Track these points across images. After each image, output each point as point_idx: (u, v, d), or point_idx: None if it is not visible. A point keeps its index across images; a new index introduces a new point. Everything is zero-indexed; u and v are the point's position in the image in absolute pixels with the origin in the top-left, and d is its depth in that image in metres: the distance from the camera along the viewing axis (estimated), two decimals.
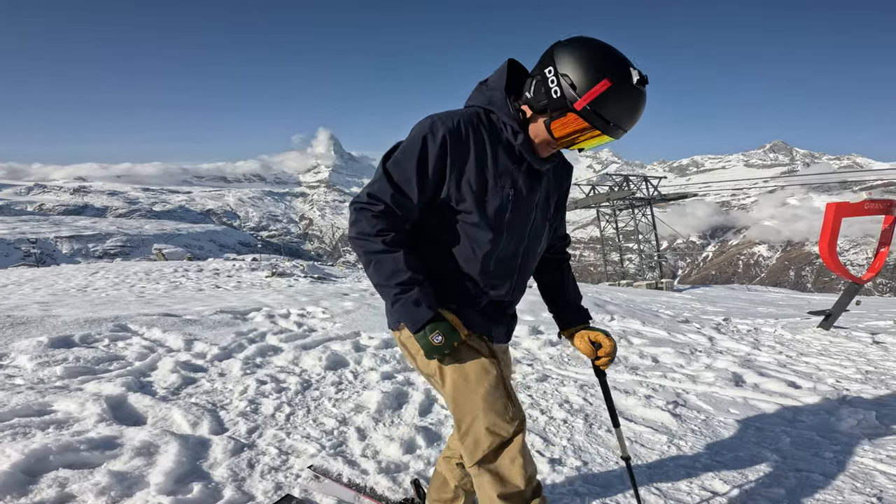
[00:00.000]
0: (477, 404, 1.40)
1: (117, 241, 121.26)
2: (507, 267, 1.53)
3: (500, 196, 1.43)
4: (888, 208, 5.28)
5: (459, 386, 1.42)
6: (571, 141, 1.36)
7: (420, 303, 1.37)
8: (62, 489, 1.97)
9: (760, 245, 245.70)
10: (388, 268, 1.37)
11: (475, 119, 1.43)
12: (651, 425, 2.95)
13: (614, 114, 1.27)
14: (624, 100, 1.27)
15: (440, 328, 1.37)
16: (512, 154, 1.45)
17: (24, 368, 3.36)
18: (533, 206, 1.52)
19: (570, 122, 1.31)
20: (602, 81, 1.24)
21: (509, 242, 1.50)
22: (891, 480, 2.28)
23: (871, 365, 4.31)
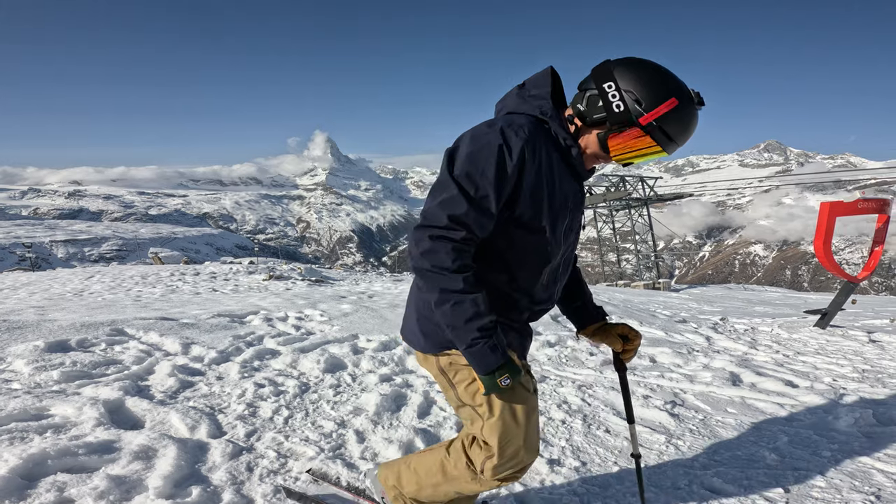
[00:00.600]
0: (520, 439, 1.46)
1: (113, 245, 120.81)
2: (553, 278, 1.55)
3: (564, 213, 1.45)
4: (881, 207, 5.31)
5: (508, 422, 1.45)
6: (626, 155, 1.36)
7: (497, 349, 1.33)
8: (61, 493, 1.96)
9: (756, 244, 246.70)
10: (468, 311, 1.30)
11: (539, 129, 1.40)
12: (649, 425, 2.96)
13: (675, 130, 1.31)
14: (685, 118, 1.31)
15: (510, 372, 1.35)
16: (569, 167, 1.47)
17: (21, 373, 3.35)
18: (577, 219, 1.55)
19: (630, 136, 1.33)
20: (670, 100, 1.28)
21: (564, 253, 1.54)
22: (889, 478, 2.29)
23: (868, 363, 4.33)
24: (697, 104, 1.33)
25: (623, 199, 36.06)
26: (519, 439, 1.46)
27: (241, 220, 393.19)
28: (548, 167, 1.38)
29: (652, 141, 1.32)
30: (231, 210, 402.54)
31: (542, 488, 2.27)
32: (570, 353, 4.61)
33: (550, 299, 1.59)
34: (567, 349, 4.73)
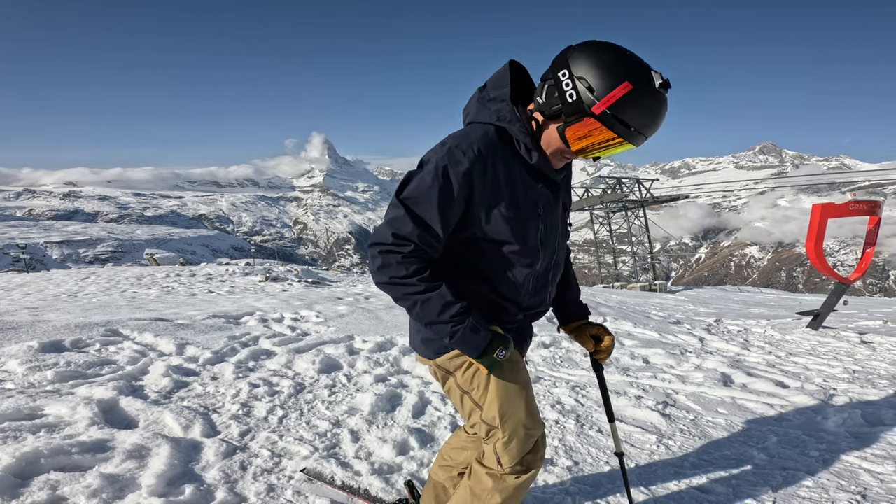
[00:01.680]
0: (521, 409, 1.49)
1: (108, 247, 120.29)
2: (543, 282, 1.56)
3: (534, 221, 1.43)
4: (872, 209, 5.36)
5: (509, 393, 1.48)
6: (587, 148, 1.28)
7: (478, 329, 1.38)
8: (53, 491, 1.97)
9: (752, 246, 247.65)
10: (435, 305, 1.35)
11: (493, 141, 1.35)
12: (641, 425, 2.99)
13: (635, 118, 1.20)
14: (645, 104, 1.19)
15: (501, 344, 1.40)
16: (532, 178, 1.42)
17: (15, 373, 3.35)
18: (558, 220, 1.53)
19: (586, 127, 1.24)
20: (622, 84, 1.17)
21: (544, 259, 1.52)
22: (875, 478, 2.32)
23: (859, 364, 4.37)
24: (661, 87, 1.20)
25: (619, 201, 36.17)
26: (520, 410, 1.49)
27: (238, 222, 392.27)
28: (507, 180, 1.36)
29: (611, 132, 1.22)
30: (227, 211, 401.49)
31: (535, 487, 2.29)
32: (564, 354, 4.64)
33: (543, 302, 1.60)
34: (562, 350, 4.75)
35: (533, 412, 1.52)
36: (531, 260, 1.46)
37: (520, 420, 1.49)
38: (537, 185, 1.43)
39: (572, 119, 1.25)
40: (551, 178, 1.45)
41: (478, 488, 1.55)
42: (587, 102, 1.21)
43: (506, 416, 1.48)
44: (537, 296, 1.56)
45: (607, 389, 1.88)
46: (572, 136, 1.27)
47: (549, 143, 1.35)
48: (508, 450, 1.50)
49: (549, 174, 1.42)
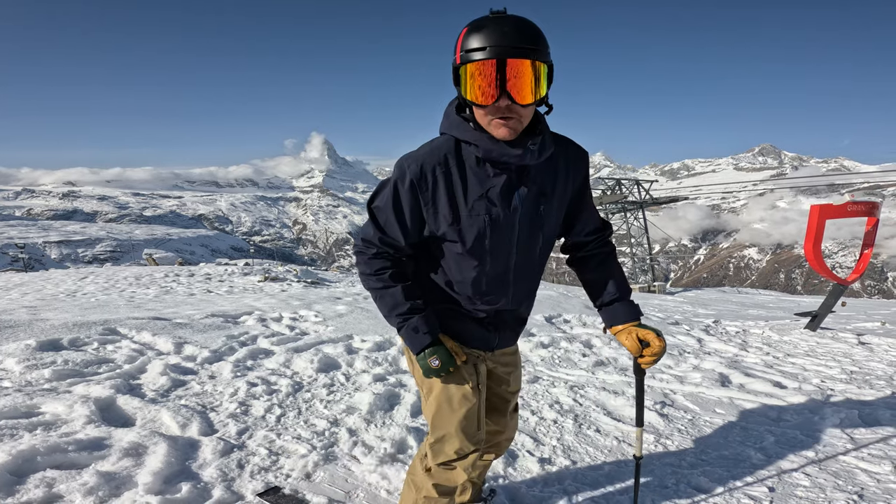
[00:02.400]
0: (452, 425, 1.60)
1: (107, 246, 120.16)
2: (499, 283, 1.57)
3: (477, 225, 1.46)
4: (870, 210, 5.36)
5: (442, 406, 1.61)
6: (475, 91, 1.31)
7: (419, 330, 1.52)
8: (49, 489, 1.97)
9: (751, 248, 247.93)
10: (388, 302, 1.53)
11: (443, 151, 1.43)
12: None
13: (480, 41, 1.27)
14: (483, 28, 1.28)
15: (438, 353, 1.53)
16: (484, 173, 1.44)
17: (12, 371, 3.35)
18: (514, 224, 1.49)
19: (463, 79, 1.32)
20: (462, 32, 1.31)
21: (495, 263, 1.54)
22: (871, 478, 2.32)
23: (856, 365, 4.37)
24: (493, 14, 1.30)
25: (618, 203, 36.20)
26: (450, 424, 1.60)
27: (237, 222, 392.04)
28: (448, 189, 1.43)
29: (473, 64, 1.28)
30: (227, 212, 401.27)
31: (534, 486, 2.29)
32: (562, 354, 4.64)
33: (506, 301, 1.60)
34: (560, 350, 4.75)
35: (467, 430, 1.61)
36: (477, 263, 1.52)
37: (448, 434, 1.61)
38: (491, 187, 1.44)
39: (459, 83, 1.34)
40: (508, 163, 1.42)
41: (415, 477, 1.73)
42: (454, 63, 1.33)
43: (436, 426, 1.63)
44: (493, 295, 1.58)
45: (643, 395, 1.83)
46: (466, 94, 1.33)
47: (479, 117, 1.38)
48: (434, 451, 1.65)
49: (507, 158, 1.39)
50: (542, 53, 1.29)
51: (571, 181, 1.57)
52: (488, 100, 1.29)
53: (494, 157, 1.39)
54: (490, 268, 1.53)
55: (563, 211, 1.61)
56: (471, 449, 1.64)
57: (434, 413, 1.63)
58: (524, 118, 1.35)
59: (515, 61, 1.26)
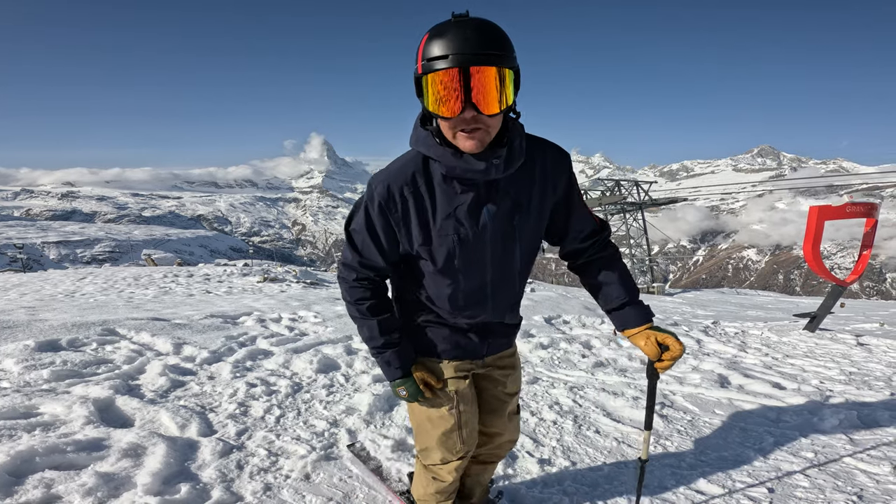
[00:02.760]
0: (433, 440, 1.67)
1: (106, 247, 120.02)
2: (476, 298, 1.56)
3: (446, 244, 1.44)
4: (869, 211, 5.37)
5: (422, 423, 1.69)
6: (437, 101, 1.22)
7: (391, 364, 1.58)
8: (48, 490, 1.96)
9: (749, 249, 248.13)
10: (365, 333, 1.57)
11: (410, 169, 1.40)
12: (638, 426, 2.99)
13: (442, 48, 1.19)
14: (445, 33, 1.20)
15: (406, 386, 1.59)
16: (452, 190, 1.39)
17: (11, 372, 3.34)
18: (485, 241, 1.45)
19: (425, 90, 1.24)
20: (423, 38, 1.23)
21: (469, 281, 1.52)
22: (871, 479, 2.32)
23: (855, 366, 4.37)
24: (455, 18, 1.22)
25: (618, 204, 36.22)
26: (431, 439, 1.67)
27: (236, 223, 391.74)
28: (417, 207, 1.41)
29: (436, 73, 1.20)
30: (226, 212, 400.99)
31: (533, 487, 2.29)
32: (562, 355, 4.64)
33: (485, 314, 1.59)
34: (559, 351, 4.75)
35: (447, 444, 1.66)
36: (450, 281, 1.51)
37: (431, 447, 1.69)
38: (460, 204, 1.40)
39: (422, 95, 1.26)
40: (474, 180, 1.37)
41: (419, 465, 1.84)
42: (416, 74, 1.25)
43: (419, 439, 1.73)
44: (471, 310, 1.57)
45: (655, 398, 1.81)
46: (429, 105, 1.25)
47: (445, 129, 1.30)
48: (422, 456, 1.75)
49: (470, 175, 1.34)
50: (508, 59, 1.21)
51: (551, 187, 1.49)
52: (453, 112, 1.22)
53: (458, 174, 1.34)
54: (465, 285, 1.52)
55: (544, 219, 1.54)
56: (453, 458, 1.69)
57: (416, 428, 1.73)
58: (492, 128, 1.28)
59: (480, 69, 1.18)
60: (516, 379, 1.83)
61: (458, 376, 1.67)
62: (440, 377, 1.64)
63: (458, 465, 1.72)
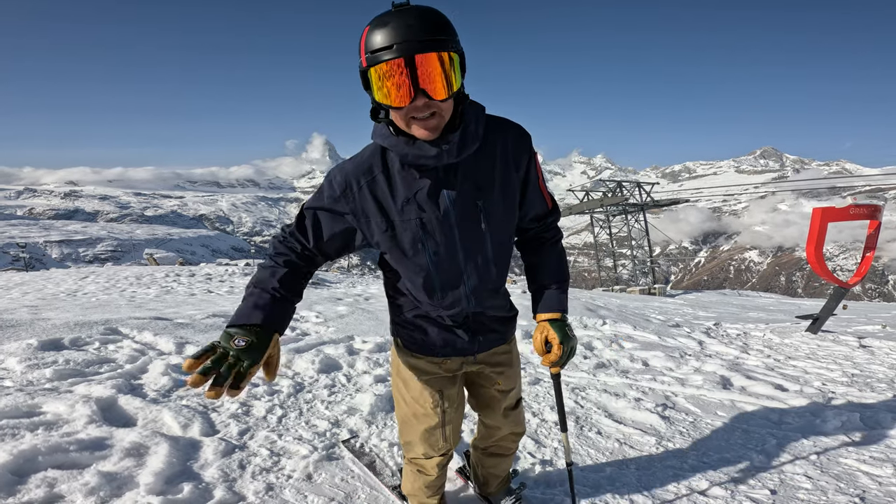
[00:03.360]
0: (416, 435, 1.75)
1: (108, 246, 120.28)
2: (452, 284, 1.54)
3: (410, 229, 1.43)
4: (873, 213, 5.36)
5: (407, 418, 1.75)
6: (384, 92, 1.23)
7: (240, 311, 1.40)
8: (51, 489, 1.97)
9: (751, 250, 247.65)
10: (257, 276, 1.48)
11: (367, 160, 1.43)
12: (640, 427, 2.98)
13: (385, 38, 1.18)
14: (387, 24, 1.19)
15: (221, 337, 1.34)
16: (411, 176, 1.40)
17: (13, 370, 3.34)
18: (452, 225, 1.44)
19: (372, 82, 1.24)
20: (364, 30, 1.23)
21: (442, 267, 1.50)
22: (873, 481, 2.32)
23: (858, 368, 4.36)
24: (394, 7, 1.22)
25: (619, 205, 36.23)
26: (414, 434, 1.75)
27: (238, 222, 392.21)
28: (375, 197, 1.42)
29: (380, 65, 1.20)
30: (227, 212, 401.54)
31: (535, 488, 2.29)
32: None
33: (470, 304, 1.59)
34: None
35: (429, 440, 1.73)
36: (421, 268, 1.50)
37: (413, 441, 1.76)
38: (419, 190, 1.41)
39: (369, 87, 1.26)
40: (428, 165, 1.37)
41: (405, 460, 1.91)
42: (361, 68, 1.24)
43: (402, 432, 1.80)
44: (449, 298, 1.55)
45: (562, 398, 1.85)
46: (378, 97, 1.26)
47: (397, 119, 1.31)
48: (405, 448, 1.84)
49: (423, 161, 1.34)
50: (452, 43, 1.22)
51: (514, 166, 1.48)
52: (404, 101, 1.22)
53: (411, 160, 1.35)
54: (438, 272, 1.50)
55: (512, 199, 1.51)
56: (435, 454, 1.76)
57: (400, 422, 1.80)
58: (445, 112, 1.28)
59: (425, 56, 1.18)
60: (511, 376, 1.82)
61: (446, 376, 1.72)
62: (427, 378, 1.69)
63: (441, 461, 1.79)
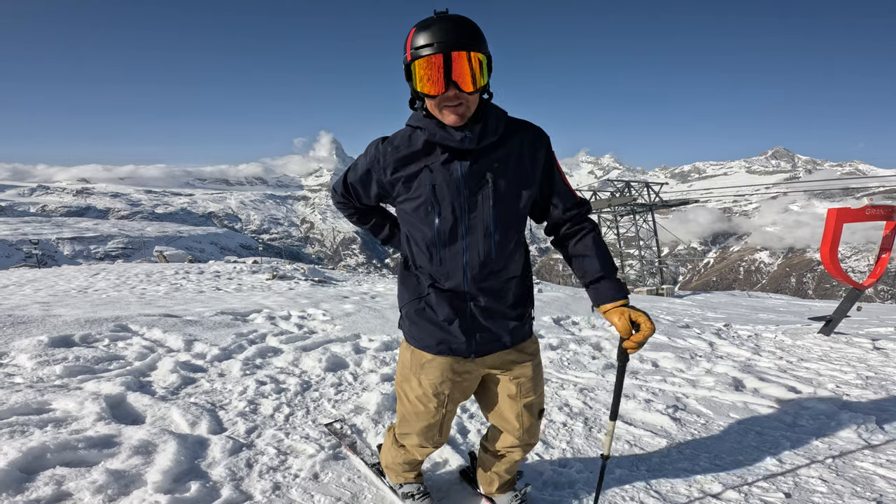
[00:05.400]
0: (414, 429, 1.86)
1: (119, 243, 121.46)
2: (453, 249, 1.63)
3: (424, 194, 1.61)
4: (889, 214, 5.27)
5: (409, 414, 1.85)
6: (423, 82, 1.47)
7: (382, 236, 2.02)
8: (59, 487, 1.97)
9: (762, 251, 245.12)
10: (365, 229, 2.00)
11: (398, 136, 1.66)
12: (651, 429, 2.95)
13: (427, 38, 1.44)
14: (429, 27, 1.45)
15: None
16: (430, 152, 1.61)
17: (24, 367, 3.37)
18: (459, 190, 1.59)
19: (414, 74, 1.48)
20: (410, 32, 1.49)
21: (445, 224, 1.61)
22: (891, 485, 2.27)
23: (872, 370, 4.29)
24: (436, 15, 1.47)
25: (628, 205, 35.99)
26: (413, 428, 1.85)
27: (246, 220, 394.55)
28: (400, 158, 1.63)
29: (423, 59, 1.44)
30: (236, 210, 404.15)
31: (544, 489, 2.26)
32: (572, 356, 4.60)
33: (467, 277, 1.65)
34: (569, 352, 4.71)
35: (426, 434, 1.84)
36: (428, 225, 1.64)
37: (410, 433, 1.87)
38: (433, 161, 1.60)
39: (411, 79, 1.51)
40: (451, 146, 1.56)
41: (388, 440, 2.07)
42: (406, 61, 1.49)
43: (401, 424, 1.90)
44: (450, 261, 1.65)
45: (622, 385, 1.83)
46: (418, 87, 1.49)
47: (431, 107, 1.54)
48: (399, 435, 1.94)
49: (448, 141, 1.55)
50: (481, 46, 1.46)
51: (530, 159, 1.64)
52: (439, 90, 1.46)
53: (438, 139, 1.56)
54: (439, 236, 1.63)
55: (524, 184, 1.64)
56: (429, 446, 1.88)
57: (400, 416, 1.89)
58: (471, 104, 1.51)
59: (458, 54, 1.42)
60: (530, 387, 1.82)
61: (452, 379, 1.76)
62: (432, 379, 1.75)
63: (432, 451, 1.93)
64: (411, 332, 1.77)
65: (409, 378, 1.80)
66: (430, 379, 1.75)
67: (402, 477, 2.07)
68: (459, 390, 1.81)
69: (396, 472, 2.07)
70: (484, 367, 1.79)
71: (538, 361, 1.87)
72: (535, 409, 1.85)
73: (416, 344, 1.77)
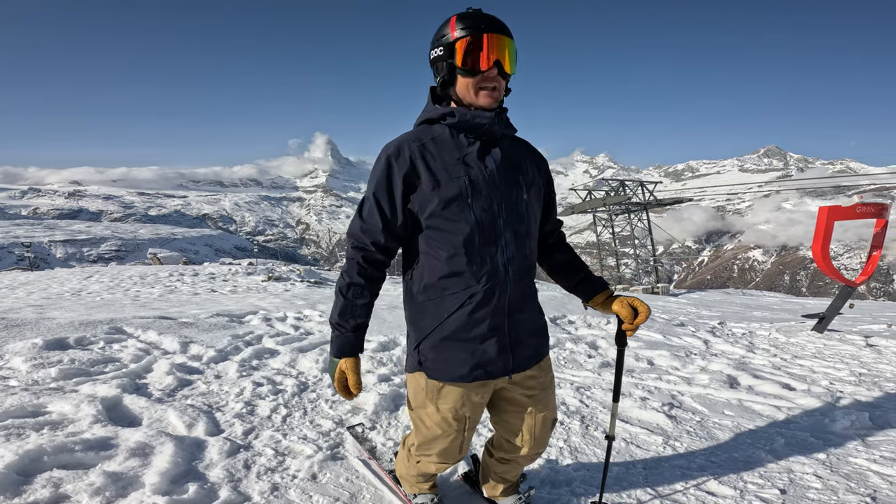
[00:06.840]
0: (434, 449, 1.81)
1: (112, 246, 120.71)
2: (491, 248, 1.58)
3: (458, 185, 1.56)
4: (880, 212, 5.32)
5: (428, 440, 1.79)
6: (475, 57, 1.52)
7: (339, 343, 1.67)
8: (56, 489, 1.96)
9: (755, 249, 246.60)
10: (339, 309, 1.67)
11: (416, 133, 1.63)
12: (647, 427, 2.96)
13: (472, 21, 1.52)
14: (471, 15, 1.55)
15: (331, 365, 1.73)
16: (459, 142, 1.60)
17: (19, 370, 3.35)
18: (496, 182, 1.59)
19: (457, 52, 1.52)
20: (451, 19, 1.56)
21: (483, 225, 1.56)
22: (884, 480, 2.29)
23: (865, 367, 4.33)
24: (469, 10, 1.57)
25: (622, 204, 36.10)
26: (432, 450, 1.81)
27: (241, 222, 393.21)
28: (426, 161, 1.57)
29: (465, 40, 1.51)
30: (231, 211, 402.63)
31: (542, 488, 2.27)
32: (568, 355, 4.62)
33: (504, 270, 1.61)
34: (565, 351, 4.73)
35: (446, 454, 1.80)
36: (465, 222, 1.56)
37: (430, 454, 1.83)
38: (467, 153, 1.59)
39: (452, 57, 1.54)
40: (482, 125, 1.57)
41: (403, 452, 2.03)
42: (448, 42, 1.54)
43: (421, 446, 1.83)
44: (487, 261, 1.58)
45: (622, 368, 1.90)
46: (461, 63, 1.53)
47: (464, 90, 1.57)
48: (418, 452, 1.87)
49: (480, 119, 1.57)
50: (513, 37, 1.57)
51: (536, 168, 1.73)
52: (486, 65, 1.52)
53: (468, 118, 1.57)
54: (479, 230, 1.56)
55: (539, 191, 1.72)
56: (448, 462, 1.85)
57: (420, 437, 1.81)
58: (501, 91, 1.58)
59: (502, 38, 1.52)
60: (544, 402, 1.80)
61: (474, 401, 1.70)
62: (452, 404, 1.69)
63: (451, 466, 1.90)
64: (436, 365, 1.64)
65: (425, 405, 1.71)
66: (450, 404, 1.68)
67: (417, 487, 2.05)
68: (480, 409, 1.75)
69: (411, 483, 2.04)
70: (509, 383, 1.73)
71: (552, 375, 1.85)
72: (548, 422, 1.83)
73: (441, 377, 1.65)
